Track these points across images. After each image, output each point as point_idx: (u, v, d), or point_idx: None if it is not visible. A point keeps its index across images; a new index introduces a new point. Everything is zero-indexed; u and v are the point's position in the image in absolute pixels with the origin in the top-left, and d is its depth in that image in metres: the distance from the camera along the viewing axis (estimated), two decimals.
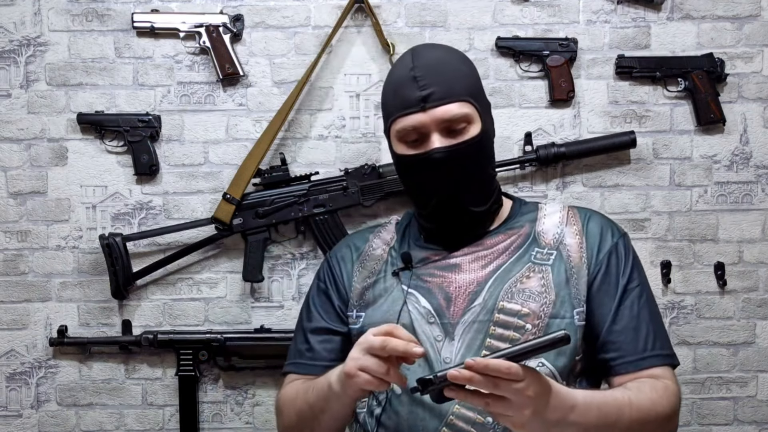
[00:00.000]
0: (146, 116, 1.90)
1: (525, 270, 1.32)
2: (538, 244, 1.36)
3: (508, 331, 1.27)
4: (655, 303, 1.36)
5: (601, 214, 1.43)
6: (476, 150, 1.32)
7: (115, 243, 1.86)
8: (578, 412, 1.12)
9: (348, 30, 1.91)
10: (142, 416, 1.93)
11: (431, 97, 1.29)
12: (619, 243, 1.36)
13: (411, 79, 1.31)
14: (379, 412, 1.30)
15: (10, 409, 1.93)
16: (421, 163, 1.31)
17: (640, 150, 1.91)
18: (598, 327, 1.31)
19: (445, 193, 1.32)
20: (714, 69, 1.89)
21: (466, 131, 1.32)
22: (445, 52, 1.39)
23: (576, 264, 1.33)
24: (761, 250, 1.93)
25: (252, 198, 1.87)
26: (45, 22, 1.92)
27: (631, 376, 1.28)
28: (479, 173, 1.35)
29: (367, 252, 1.45)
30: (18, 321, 1.93)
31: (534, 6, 1.92)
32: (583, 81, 1.92)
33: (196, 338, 1.88)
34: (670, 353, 1.33)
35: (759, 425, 1.93)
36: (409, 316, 1.31)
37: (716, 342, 1.93)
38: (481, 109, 1.35)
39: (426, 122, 1.30)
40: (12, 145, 1.92)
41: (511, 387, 1.03)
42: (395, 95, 1.34)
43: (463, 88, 1.33)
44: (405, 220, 1.49)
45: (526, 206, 1.45)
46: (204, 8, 1.92)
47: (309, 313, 1.46)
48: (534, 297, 1.29)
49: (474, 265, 1.34)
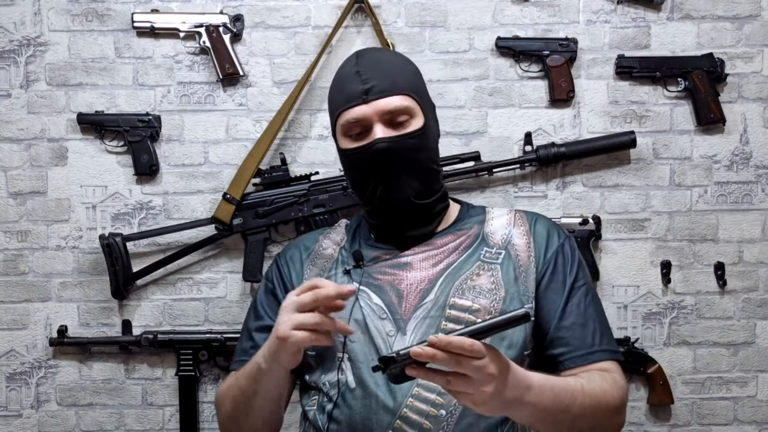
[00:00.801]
0: (146, 116, 1.90)
1: (475, 268, 1.35)
2: (487, 243, 1.39)
3: (459, 326, 1.28)
4: (599, 302, 1.40)
5: (546, 218, 1.47)
6: (418, 142, 1.36)
7: (115, 243, 1.86)
8: (534, 392, 1.13)
9: (348, 30, 1.92)
10: (142, 416, 1.93)
11: (373, 89, 1.33)
12: (565, 244, 1.40)
13: (354, 74, 1.36)
14: (331, 407, 1.30)
15: (10, 409, 1.93)
16: (364, 154, 1.34)
17: (640, 150, 1.91)
18: (547, 324, 1.33)
19: (388, 185, 1.35)
20: (714, 69, 1.89)
21: (408, 124, 1.35)
22: (389, 53, 1.46)
23: (524, 263, 1.36)
24: (761, 250, 1.93)
25: (252, 198, 1.87)
26: (45, 22, 1.92)
27: (580, 370, 1.30)
28: (421, 166, 1.37)
29: (317, 251, 1.46)
30: (18, 321, 1.93)
31: (534, 6, 1.92)
32: (583, 81, 1.92)
33: (196, 338, 1.88)
34: (616, 349, 1.36)
35: (759, 425, 1.93)
36: (361, 312, 1.32)
37: (716, 342, 1.93)
38: (423, 106, 1.38)
39: (368, 114, 1.33)
40: (12, 145, 1.92)
41: (472, 364, 1.03)
42: (339, 91, 1.38)
43: (404, 83, 1.37)
44: (355, 223, 1.51)
45: (474, 209, 1.48)
46: (204, 8, 1.92)
47: (256, 312, 1.46)
48: (484, 293, 1.32)
49: (425, 264, 1.36)
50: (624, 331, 1.91)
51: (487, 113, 1.92)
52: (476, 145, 1.91)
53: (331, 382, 1.31)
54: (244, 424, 1.36)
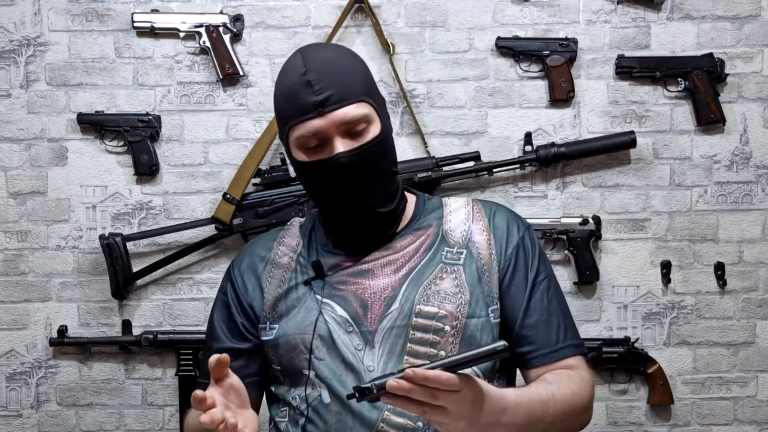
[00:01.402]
0: (146, 116, 1.90)
1: (437, 271, 1.31)
2: (448, 243, 1.35)
3: (428, 334, 1.26)
4: (562, 293, 1.37)
5: (505, 207, 1.41)
6: (379, 150, 1.30)
7: (115, 243, 1.86)
8: (509, 413, 1.13)
9: (348, 30, 1.92)
10: (142, 416, 1.93)
11: (328, 101, 1.25)
12: (525, 236, 1.36)
13: (305, 84, 1.26)
14: (304, 421, 1.27)
15: (10, 409, 1.93)
16: (325, 168, 1.28)
17: (640, 150, 1.91)
18: (511, 322, 1.31)
19: (353, 197, 1.29)
20: (714, 69, 1.89)
21: (366, 132, 1.28)
22: (335, 51, 1.36)
23: (486, 262, 1.33)
24: (761, 250, 1.93)
25: (252, 198, 1.87)
26: (45, 22, 1.92)
27: (547, 368, 1.29)
28: (384, 173, 1.32)
29: (274, 261, 1.39)
30: (18, 321, 1.93)
31: (534, 6, 1.92)
32: (583, 81, 1.92)
33: (196, 338, 1.88)
34: (580, 343, 1.34)
35: (759, 425, 1.93)
36: (326, 327, 1.28)
37: (716, 342, 1.93)
38: (378, 107, 1.31)
39: (325, 127, 1.25)
40: (12, 145, 1.92)
41: (449, 397, 1.03)
42: (289, 101, 1.29)
43: (358, 88, 1.29)
44: (309, 224, 1.44)
45: (431, 202, 1.42)
46: (204, 8, 1.92)
47: (213, 331, 1.39)
48: (449, 298, 1.29)
49: (386, 270, 1.32)
50: (624, 331, 1.91)
51: (487, 113, 1.92)
52: (476, 145, 1.91)
53: (301, 397, 1.29)
54: None
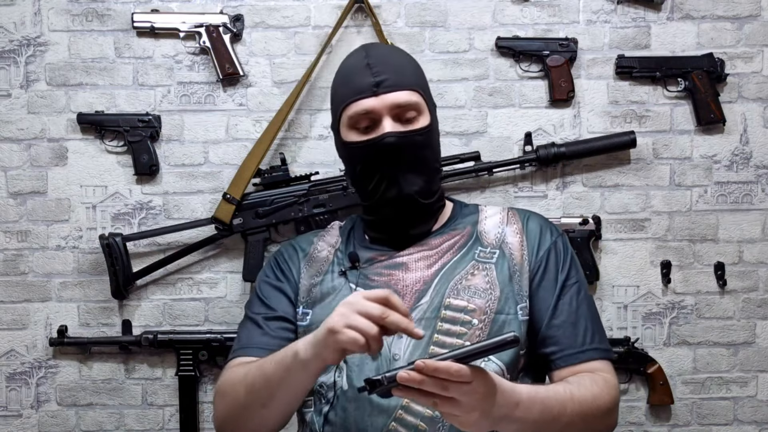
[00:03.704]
0: (146, 116, 1.90)
1: (469, 267, 1.35)
2: (481, 243, 1.38)
3: (455, 326, 1.28)
4: (592, 300, 1.40)
5: (539, 215, 1.46)
6: (425, 140, 1.36)
7: (115, 243, 1.86)
8: (522, 408, 1.13)
9: (348, 30, 1.91)
10: (142, 416, 1.93)
11: (384, 83, 1.33)
12: (558, 241, 1.39)
13: (364, 66, 1.35)
14: (327, 409, 1.29)
15: (10, 409, 1.93)
16: (372, 147, 1.34)
17: (640, 150, 1.91)
18: (539, 322, 1.33)
19: (395, 181, 1.34)
20: (714, 69, 1.89)
21: (416, 120, 1.35)
22: (396, 49, 1.46)
23: (518, 262, 1.36)
24: (761, 250, 1.93)
25: (252, 198, 1.87)
26: (45, 22, 1.92)
27: (571, 370, 1.30)
28: (426, 164, 1.37)
29: (313, 254, 1.45)
30: (18, 321, 1.93)
31: (534, 6, 1.92)
32: (583, 81, 1.92)
33: (196, 338, 1.88)
34: (607, 348, 1.36)
35: (759, 425, 1.93)
36: None
37: (716, 342, 1.93)
38: (429, 104, 1.39)
39: (378, 107, 1.33)
40: (12, 145, 1.92)
41: (459, 389, 1.03)
42: (347, 83, 1.38)
43: (413, 79, 1.38)
44: (349, 224, 1.50)
45: (467, 208, 1.48)
46: (204, 8, 1.92)
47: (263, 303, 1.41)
48: (479, 293, 1.31)
49: (420, 264, 1.36)
50: (624, 331, 1.91)
51: (487, 113, 1.92)
52: (476, 145, 1.91)
53: (328, 384, 1.30)
54: (254, 415, 1.26)
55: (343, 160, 1.45)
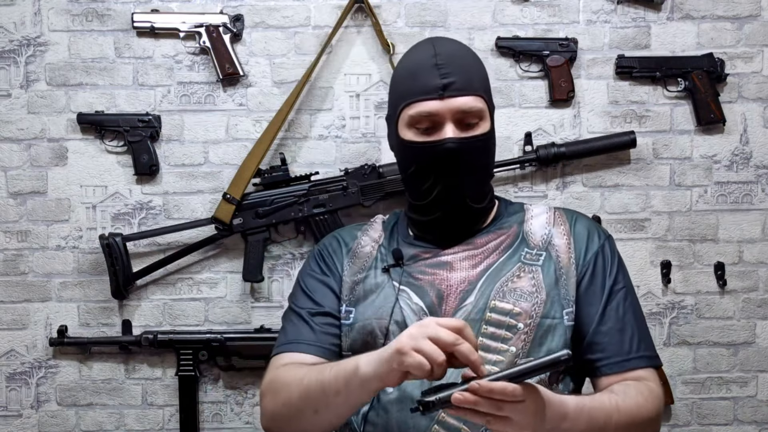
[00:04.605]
0: (146, 116, 1.90)
1: (516, 269, 1.33)
2: (528, 244, 1.36)
3: (501, 330, 1.27)
4: (639, 305, 1.38)
5: (586, 216, 1.44)
6: (485, 146, 1.34)
7: (115, 243, 1.86)
8: (570, 420, 1.14)
9: (348, 30, 1.92)
10: (142, 416, 1.93)
11: (452, 86, 1.30)
12: (606, 245, 1.37)
13: (433, 65, 1.31)
14: (366, 409, 1.28)
15: (10, 409, 1.93)
16: (431, 150, 1.31)
17: (640, 150, 1.91)
18: (585, 327, 1.32)
19: (450, 185, 1.32)
20: (714, 69, 1.89)
21: (477, 126, 1.33)
22: (465, 47, 1.41)
23: (565, 265, 1.34)
24: (761, 250, 1.93)
25: (252, 198, 1.87)
26: (45, 22, 1.92)
27: (616, 378, 1.29)
28: (484, 170, 1.36)
29: (356, 249, 1.43)
30: (18, 321, 1.93)
31: (534, 6, 1.92)
32: (583, 81, 1.92)
33: (196, 338, 1.88)
34: (654, 355, 1.34)
35: (759, 425, 1.93)
36: (401, 313, 1.30)
37: (716, 342, 1.93)
38: (490, 109, 1.37)
39: (442, 110, 1.30)
40: (12, 145, 1.92)
41: (513, 408, 1.04)
42: (413, 80, 1.33)
43: (479, 83, 1.35)
44: (392, 219, 1.48)
45: (512, 206, 1.46)
46: (204, 8, 1.92)
47: (310, 298, 1.40)
48: (525, 296, 1.29)
49: (465, 264, 1.34)
50: None
51: None
52: None
53: None
54: (305, 419, 1.26)
55: (396, 155, 1.41)
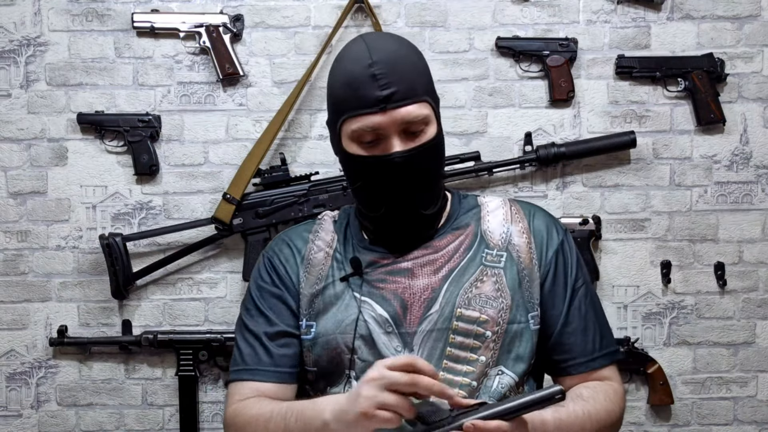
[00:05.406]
0: (146, 116, 1.90)
1: (478, 273, 1.29)
2: (487, 244, 1.33)
3: (468, 339, 1.25)
4: (597, 297, 1.38)
5: (542, 210, 1.40)
6: (433, 152, 1.28)
7: (115, 243, 1.86)
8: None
9: (348, 30, 1.91)
10: (142, 416, 1.93)
11: (393, 96, 1.22)
12: (564, 241, 1.35)
13: (370, 76, 1.22)
14: None
15: (10, 409, 1.93)
16: (378, 165, 1.25)
17: (640, 150, 1.91)
18: (550, 329, 1.31)
19: (402, 197, 1.27)
20: (714, 69, 1.89)
21: (423, 133, 1.26)
22: (400, 45, 1.31)
23: (527, 266, 1.31)
24: (761, 250, 1.93)
25: (252, 198, 1.87)
26: (45, 22, 1.92)
27: (582, 377, 1.30)
28: (434, 176, 1.31)
29: (309, 256, 1.36)
30: (18, 321, 1.93)
31: (534, 6, 1.92)
32: (583, 81, 1.92)
33: (196, 338, 1.88)
34: (615, 349, 1.35)
35: (759, 425, 1.93)
36: (366, 327, 1.26)
37: (716, 342, 1.93)
38: (435, 107, 1.30)
39: (385, 124, 1.22)
40: (12, 145, 1.92)
41: None
42: (350, 92, 1.25)
43: (422, 87, 1.27)
44: (343, 219, 1.41)
45: (466, 200, 1.40)
46: (204, 8, 1.92)
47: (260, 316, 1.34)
48: (490, 302, 1.27)
49: (426, 270, 1.30)
50: (624, 331, 1.91)
51: (487, 113, 1.92)
52: (476, 145, 1.91)
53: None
54: None
55: (342, 165, 1.35)
